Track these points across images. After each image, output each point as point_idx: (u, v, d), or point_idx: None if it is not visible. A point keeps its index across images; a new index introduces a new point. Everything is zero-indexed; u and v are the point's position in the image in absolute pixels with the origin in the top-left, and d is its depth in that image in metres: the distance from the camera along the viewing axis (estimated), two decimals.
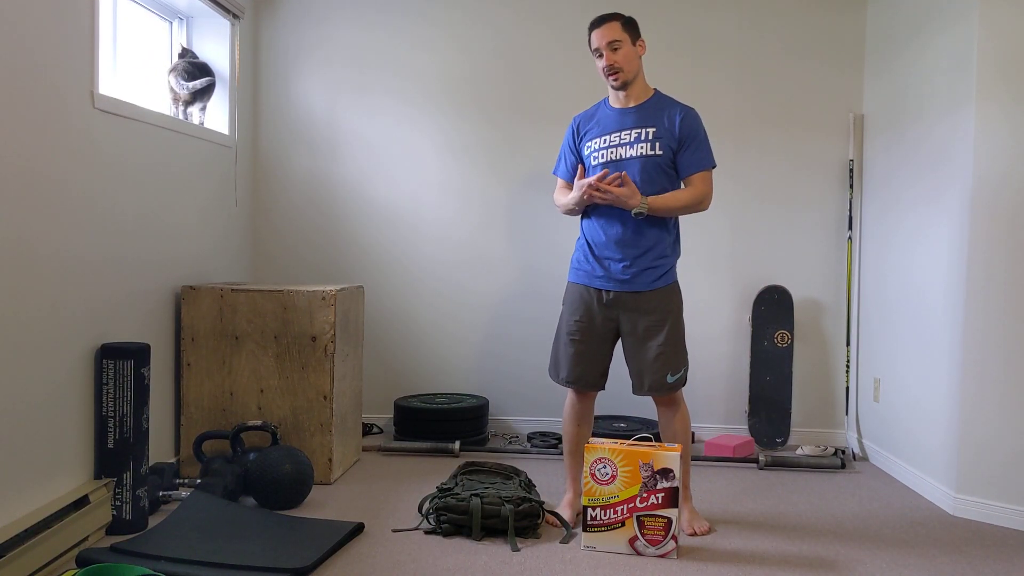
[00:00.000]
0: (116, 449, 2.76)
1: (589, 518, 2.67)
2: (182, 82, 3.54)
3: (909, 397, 3.53)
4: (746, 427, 4.11)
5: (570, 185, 2.97)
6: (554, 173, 3.07)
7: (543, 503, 2.89)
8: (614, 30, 2.79)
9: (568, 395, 3.00)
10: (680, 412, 2.91)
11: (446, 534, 2.76)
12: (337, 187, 4.30)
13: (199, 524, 2.70)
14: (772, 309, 4.09)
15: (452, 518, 2.77)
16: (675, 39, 4.16)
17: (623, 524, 2.65)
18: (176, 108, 3.60)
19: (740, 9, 4.14)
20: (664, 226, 2.84)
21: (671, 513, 2.62)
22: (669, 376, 2.83)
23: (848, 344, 4.10)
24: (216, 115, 3.91)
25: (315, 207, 4.31)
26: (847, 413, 4.11)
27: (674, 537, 2.63)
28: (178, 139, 3.43)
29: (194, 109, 3.66)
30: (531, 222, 4.23)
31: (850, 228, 4.09)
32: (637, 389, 2.88)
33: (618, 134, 2.84)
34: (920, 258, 3.45)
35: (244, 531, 2.69)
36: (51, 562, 2.41)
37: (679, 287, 2.92)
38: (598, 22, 2.83)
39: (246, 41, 4.14)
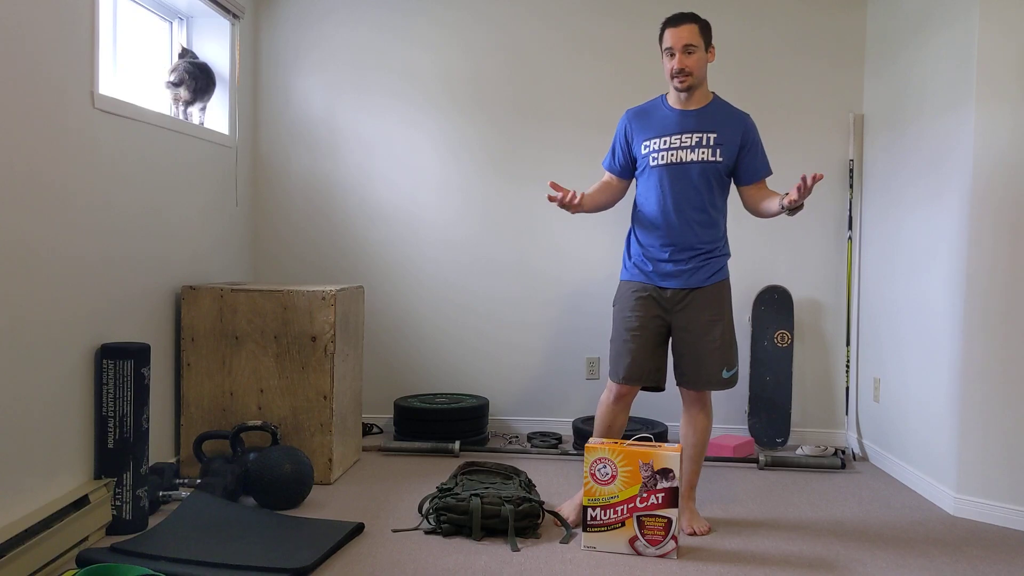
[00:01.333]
0: (116, 449, 2.76)
1: (589, 518, 2.67)
2: (170, 85, 3.53)
3: (909, 397, 3.53)
4: (746, 427, 4.11)
5: (614, 179, 2.97)
6: (603, 164, 3.02)
7: (543, 503, 2.89)
8: (692, 33, 2.76)
9: (612, 388, 2.89)
10: (706, 413, 2.91)
11: (446, 534, 2.76)
12: (337, 187, 4.30)
13: (199, 524, 2.70)
14: (772, 309, 4.09)
15: (452, 518, 2.77)
16: None
17: (623, 524, 2.65)
18: (176, 108, 3.60)
19: (740, 9, 4.14)
20: (715, 225, 2.84)
21: (671, 513, 2.62)
22: (725, 371, 2.84)
23: (848, 344, 4.10)
24: (216, 115, 3.91)
25: (315, 207, 4.31)
26: (847, 413, 4.11)
27: (674, 537, 2.63)
28: (178, 139, 3.43)
29: (194, 109, 3.66)
30: (532, 222, 4.23)
31: (850, 228, 4.09)
32: (692, 383, 2.84)
33: (679, 136, 2.81)
34: (920, 258, 3.45)
35: (244, 531, 2.69)
36: (51, 562, 2.41)
37: (730, 284, 2.92)
38: (676, 20, 2.79)
39: (246, 41, 4.14)
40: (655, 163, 2.82)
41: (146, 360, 2.84)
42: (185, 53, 3.68)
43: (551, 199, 2.80)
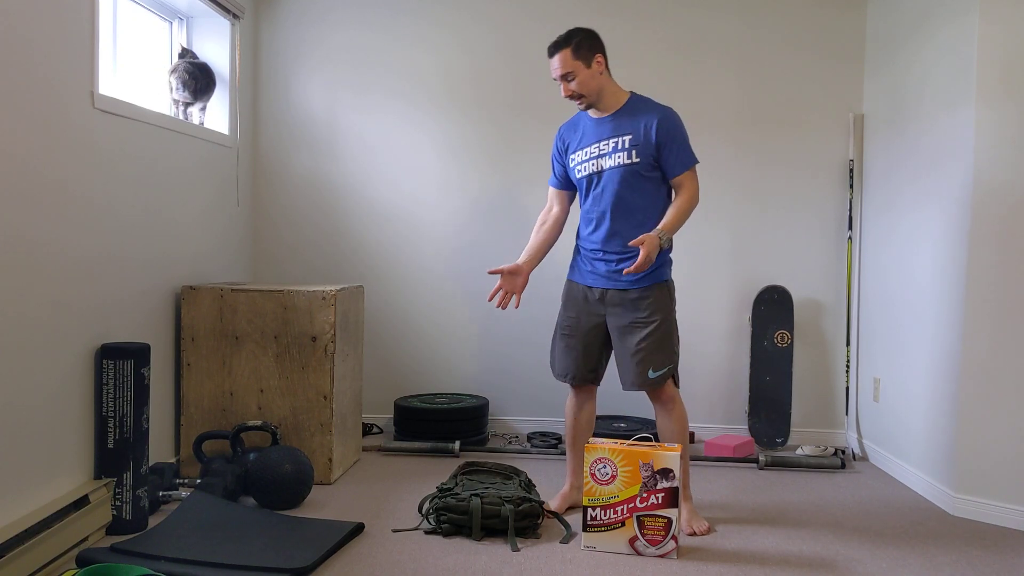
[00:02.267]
0: (116, 449, 2.76)
1: (589, 518, 2.67)
2: (180, 90, 3.53)
3: (909, 397, 3.53)
4: (746, 427, 4.11)
5: (561, 193, 3.07)
6: (549, 183, 3.14)
7: (543, 503, 2.89)
8: (565, 61, 2.80)
9: (569, 390, 3.08)
10: (675, 411, 2.91)
11: (446, 534, 2.76)
12: (337, 187, 4.30)
13: (199, 524, 2.70)
14: (772, 309, 4.09)
15: (452, 518, 2.76)
16: (675, 39, 4.16)
17: (623, 524, 2.65)
18: (176, 108, 3.60)
19: (740, 9, 4.14)
20: (646, 226, 2.84)
21: (671, 513, 2.62)
22: (651, 372, 2.86)
23: (848, 344, 4.10)
24: (216, 115, 3.91)
25: (315, 207, 4.31)
26: (847, 413, 4.11)
27: (674, 537, 2.63)
28: (178, 139, 3.43)
29: (194, 109, 3.66)
30: (531, 222, 4.21)
31: (850, 228, 4.09)
32: (623, 384, 2.94)
33: (597, 145, 2.88)
34: (920, 258, 3.45)
35: (244, 531, 2.69)
36: (51, 562, 2.41)
37: (671, 285, 2.95)
38: (550, 51, 2.83)
39: (246, 41, 4.14)
40: (580, 175, 2.93)
41: (146, 360, 2.84)
42: (185, 53, 3.68)
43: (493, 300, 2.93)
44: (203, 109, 3.71)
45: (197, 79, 3.56)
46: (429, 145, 4.27)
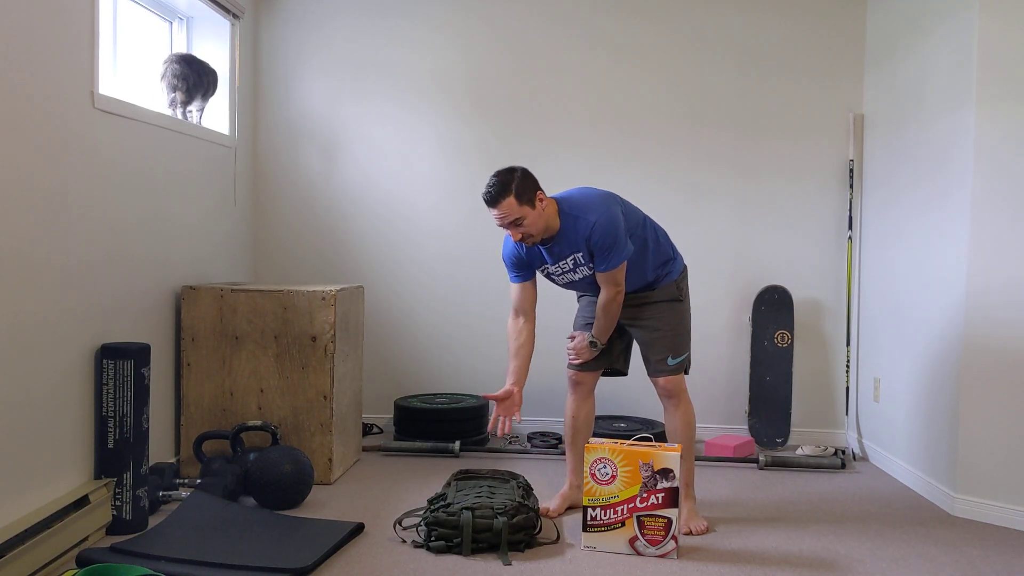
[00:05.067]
0: (116, 449, 2.76)
1: (589, 518, 2.67)
2: (170, 91, 3.50)
3: (909, 397, 3.53)
4: (746, 427, 4.11)
5: (525, 286, 2.96)
6: (511, 281, 2.99)
7: (539, 511, 2.82)
8: (511, 208, 2.69)
9: (568, 376, 3.11)
10: (683, 408, 2.96)
11: (436, 551, 2.62)
12: (337, 187, 4.30)
13: (199, 524, 2.70)
14: (772, 309, 4.09)
15: (443, 532, 2.64)
16: (675, 39, 4.16)
17: (623, 524, 2.65)
18: (175, 110, 3.59)
19: (740, 8, 4.13)
20: (645, 271, 2.91)
21: (671, 513, 2.62)
22: (670, 358, 2.91)
23: (848, 344, 4.10)
24: (216, 115, 3.91)
25: (315, 207, 4.31)
26: (847, 413, 4.11)
27: (674, 537, 2.63)
28: (178, 139, 3.43)
29: (193, 107, 3.65)
30: None
31: (850, 228, 4.09)
32: (647, 371, 3.00)
33: (557, 264, 2.89)
34: (920, 257, 3.45)
35: (244, 531, 2.69)
36: (51, 562, 2.41)
37: (684, 278, 3.03)
38: (490, 201, 2.71)
39: (246, 41, 4.14)
40: (555, 283, 3.00)
41: (146, 360, 2.84)
42: (171, 57, 3.58)
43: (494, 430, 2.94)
44: (201, 109, 3.69)
45: (188, 77, 3.50)
46: (429, 145, 4.27)
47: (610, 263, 2.77)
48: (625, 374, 3.13)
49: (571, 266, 2.86)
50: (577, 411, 3.09)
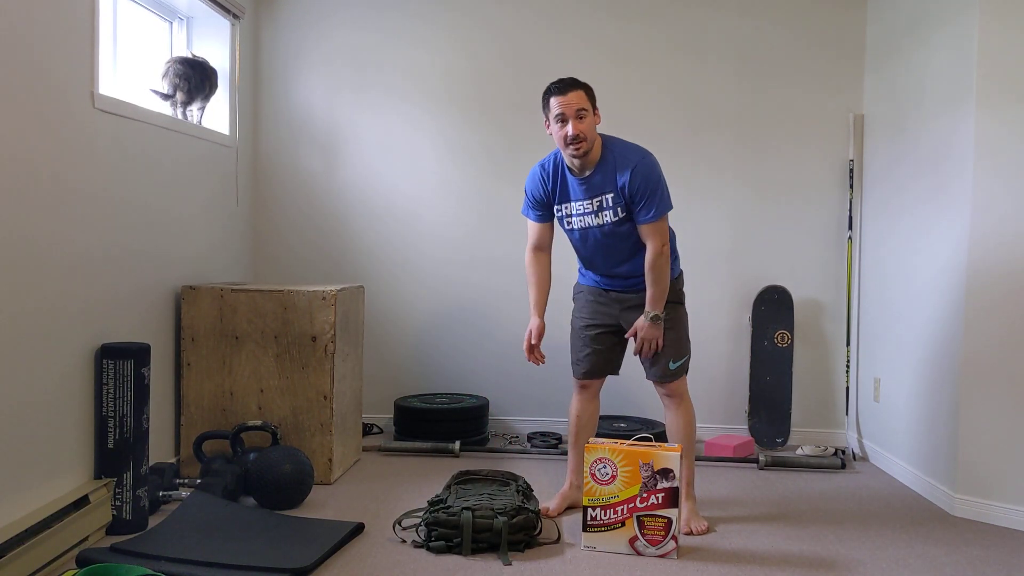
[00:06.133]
0: (116, 449, 2.76)
1: (589, 518, 2.67)
2: (171, 89, 3.50)
3: (909, 397, 3.53)
4: (746, 427, 4.11)
5: (543, 226, 2.98)
6: (527, 215, 3.01)
7: (539, 512, 2.82)
8: (581, 98, 2.72)
9: (575, 383, 3.10)
10: (684, 408, 2.96)
11: (436, 551, 2.63)
12: (337, 187, 4.30)
13: (199, 524, 2.70)
14: (772, 309, 4.09)
15: (443, 532, 2.65)
16: (675, 38, 4.16)
17: (623, 524, 2.65)
18: (175, 110, 3.59)
19: (741, 8, 4.14)
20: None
21: (671, 513, 2.62)
22: (671, 363, 2.91)
23: (848, 344, 4.10)
24: (216, 115, 3.91)
25: (315, 207, 4.31)
26: (847, 413, 4.11)
27: (674, 537, 2.63)
28: (178, 139, 3.43)
29: (193, 107, 3.65)
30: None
31: (850, 228, 4.09)
32: (647, 375, 2.99)
33: (581, 203, 2.85)
34: (920, 258, 3.45)
35: (244, 531, 2.69)
36: (51, 562, 2.41)
37: (681, 280, 3.02)
38: (562, 88, 2.73)
39: (246, 41, 4.14)
40: (569, 227, 2.93)
41: (146, 360, 2.84)
42: (174, 58, 3.59)
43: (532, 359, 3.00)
44: (202, 109, 3.69)
45: (190, 78, 3.51)
46: (429, 145, 4.27)
47: (652, 211, 2.74)
48: (617, 374, 3.13)
49: (595, 208, 2.80)
50: (582, 411, 3.08)
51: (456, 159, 4.26)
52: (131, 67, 3.46)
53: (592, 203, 2.82)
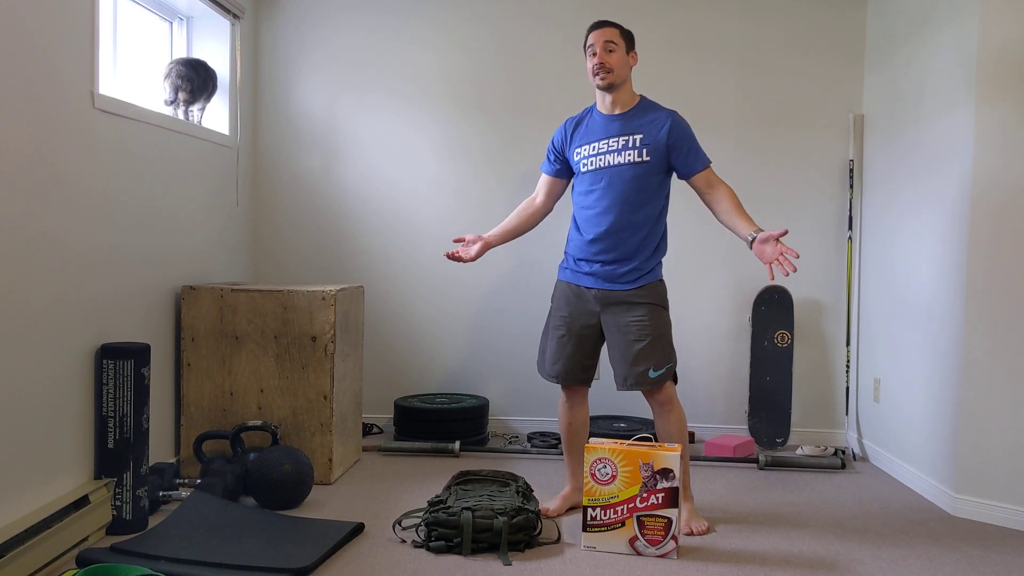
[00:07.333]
0: (116, 449, 2.76)
1: (589, 518, 2.67)
2: (172, 91, 3.50)
3: (909, 397, 3.53)
4: (746, 427, 4.11)
5: (553, 181, 3.11)
6: (541, 169, 3.16)
7: (539, 512, 2.82)
8: (612, 33, 2.89)
9: (560, 391, 3.07)
10: (674, 412, 2.91)
11: (436, 551, 2.63)
12: (337, 187, 4.30)
13: (199, 524, 2.70)
14: (772, 309, 4.09)
15: (443, 533, 2.65)
16: (675, 38, 4.16)
17: (623, 524, 2.65)
18: (176, 110, 3.59)
19: (740, 8, 4.14)
20: (647, 226, 2.88)
21: (671, 513, 2.62)
22: (651, 371, 2.85)
23: (848, 344, 4.10)
24: (217, 115, 3.91)
25: (315, 207, 4.31)
26: (847, 413, 4.11)
27: (674, 537, 2.63)
28: (178, 139, 3.43)
29: (194, 108, 3.65)
30: None
31: (850, 228, 4.09)
32: (620, 384, 2.92)
33: (606, 141, 2.90)
34: (920, 258, 3.45)
35: (244, 531, 2.69)
36: (51, 562, 2.41)
37: (663, 284, 2.96)
38: (599, 24, 2.92)
39: (246, 41, 4.14)
40: (585, 168, 2.93)
41: (146, 360, 2.84)
42: (176, 60, 3.59)
43: (449, 256, 3.02)
44: (202, 109, 3.70)
45: (192, 79, 3.53)
46: (429, 145, 4.27)
47: (700, 156, 2.88)
48: (590, 384, 3.06)
49: (620, 146, 2.86)
50: (572, 418, 3.05)
51: (456, 159, 4.26)
52: (131, 67, 3.46)
53: (618, 141, 2.88)
